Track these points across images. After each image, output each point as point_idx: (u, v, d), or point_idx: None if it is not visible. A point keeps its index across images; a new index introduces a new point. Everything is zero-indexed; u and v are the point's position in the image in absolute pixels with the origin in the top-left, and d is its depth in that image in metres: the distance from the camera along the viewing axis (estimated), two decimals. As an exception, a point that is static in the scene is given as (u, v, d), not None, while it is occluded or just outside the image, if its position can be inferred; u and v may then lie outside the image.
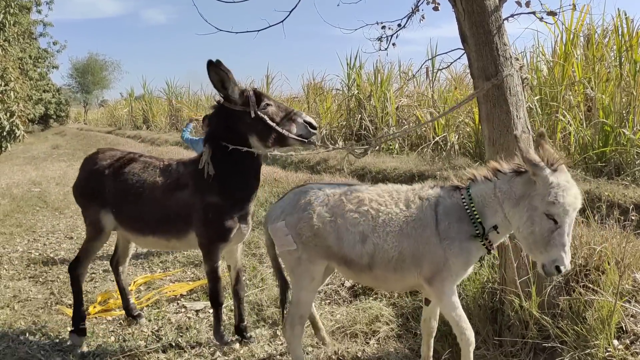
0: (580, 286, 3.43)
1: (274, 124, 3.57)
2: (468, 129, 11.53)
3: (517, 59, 3.62)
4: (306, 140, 3.65)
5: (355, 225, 3.09)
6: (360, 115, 14.28)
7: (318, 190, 3.30)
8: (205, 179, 3.69)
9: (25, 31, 22.72)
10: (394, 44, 4.48)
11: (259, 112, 3.58)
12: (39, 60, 31.03)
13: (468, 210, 2.96)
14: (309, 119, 3.69)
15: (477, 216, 2.93)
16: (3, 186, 11.84)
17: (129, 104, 35.02)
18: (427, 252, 2.99)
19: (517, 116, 3.50)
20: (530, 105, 8.83)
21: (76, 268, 4.20)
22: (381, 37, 4.46)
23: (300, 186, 3.46)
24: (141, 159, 4.08)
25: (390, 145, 13.02)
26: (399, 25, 4.28)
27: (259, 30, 3.88)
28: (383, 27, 4.45)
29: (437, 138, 11.61)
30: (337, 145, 3.90)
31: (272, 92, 18.63)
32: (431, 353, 3.47)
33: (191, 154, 7.04)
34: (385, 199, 3.14)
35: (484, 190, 2.97)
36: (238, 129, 3.66)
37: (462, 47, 3.72)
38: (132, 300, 4.65)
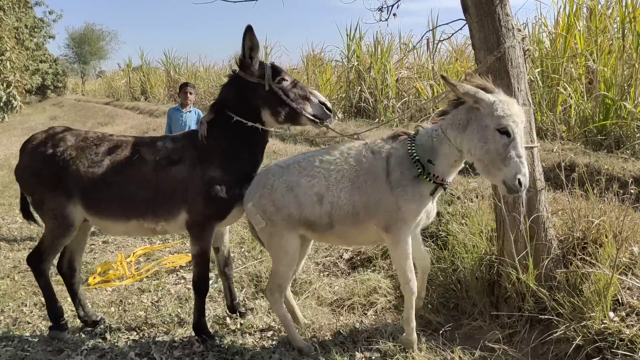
0: (577, 259, 3.44)
1: (287, 99, 3.51)
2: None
3: (520, 30, 3.56)
4: (320, 122, 3.58)
5: (310, 187, 3.26)
6: (360, 87, 14.16)
7: (275, 166, 3.49)
8: (207, 151, 3.54)
9: (21, 0, 22.36)
10: (394, 15, 4.43)
11: (273, 85, 3.51)
12: (35, 29, 30.64)
13: (409, 150, 3.12)
14: (324, 99, 3.63)
15: (415, 156, 3.09)
16: (1, 157, 11.80)
17: (126, 75, 34.66)
18: (379, 201, 3.16)
19: (518, 88, 3.47)
20: (531, 78, 8.76)
21: (40, 262, 3.73)
22: (382, 7, 4.39)
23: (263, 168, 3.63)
24: (114, 138, 3.70)
25: (390, 117, 12.95)
26: (400, -6, 4.20)
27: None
28: (383, -3, 4.38)
29: (437, 110, 11.53)
30: (336, 116, 3.90)
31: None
32: (424, 286, 3.67)
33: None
34: (335, 157, 3.30)
35: (427, 133, 3.17)
36: (251, 100, 3.57)
37: (464, 18, 3.65)
38: (89, 305, 4.15)
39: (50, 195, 3.54)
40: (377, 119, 13.05)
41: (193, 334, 3.76)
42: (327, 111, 3.59)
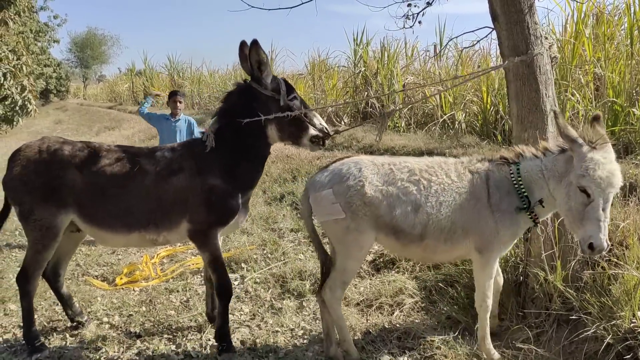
0: (604, 260, 3.54)
1: (300, 119, 3.53)
2: (475, 108, 11.57)
3: (547, 38, 3.67)
4: (321, 146, 3.64)
5: (408, 194, 3.15)
6: (366, 93, 14.26)
7: (366, 160, 3.35)
8: (208, 160, 3.51)
9: (27, 5, 22.46)
10: (419, 22, 4.53)
11: (288, 102, 3.54)
12: (40, 34, 30.74)
13: (515, 185, 3.08)
14: (324, 123, 3.67)
15: (523, 190, 3.05)
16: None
17: (129, 79, 34.73)
18: (479, 223, 3.12)
19: (546, 94, 3.57)
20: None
21: (27, 282, 3.61)
22: (407, 14, 4.50)
23: (345, 157, 3.48)
24: (111, 148, 3.62)
25: (397, 123, 13.06)
26: (428, 3, 4.31)
27: (291, 7, 3.92)
28: (409, 5, 4.49)
29: (444, 116, 11.65)
30: (342, 123, 4.01)
31: (276, 69, 18.54)
32: (497, 306, 3.69)
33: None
34: (435, 169, 3.23)
35: (531, 166, 3.10)
36: (262, 112, 3.49)
37: (492, 26, 3.77)
38: (76, 305, 4.15)
39: (40, 205, 3.44)
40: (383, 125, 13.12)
41: (214, 342, 3.71)
42: (327, 135, 3.64)
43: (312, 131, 3.59)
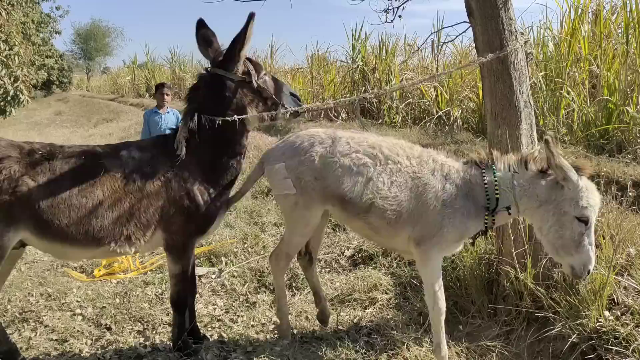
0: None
1: (272, 96, 3.31)
2: (471, 104, 11.51)
3: (522, 34, 3.64)
4: (295, 114, 3.41)
5: (361, 165, 3.11)
6: (364, 88, 14.21)
7: (322, 133, 3.29)
8: (184, 161, 3.16)
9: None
10: (400, 16, 4.49)
11: (260, 82, 3.27)
12: (42, 25, 30.76)
13: (486, 186, 2.99)
14: (292, 90, 3.47)
15: (497, 191, 2.97)
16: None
17: (132, 71, 34.74)
18: (425, 214, 3.05)
19: (520, 91, 3.54)
20: (535, 81, 8.82)
21: None
22: (387, 8, 4.46)
23: (301, 131, 3.42)
24: (67, 150, 3.13)
25: (394, 118, 13.02)
26: (406, -4, 4.27)
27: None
28: (389, -1, 4.45)
29: (440, 112, 11.60)
30: (339, 119, 3.93)
31: (276, 63, 18.51)
32: None
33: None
34: (397, 150, 3.17)
35: (504, 177, 3.01)
36: (237, 101, 3.24)
37: (468, 21, 3.73)
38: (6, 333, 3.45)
39: None
40: (380, 120, 13.10)
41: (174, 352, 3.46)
42: (298, 101, 3.44)
43: (286, 102, 3.36)
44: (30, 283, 4.71)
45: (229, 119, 3.18)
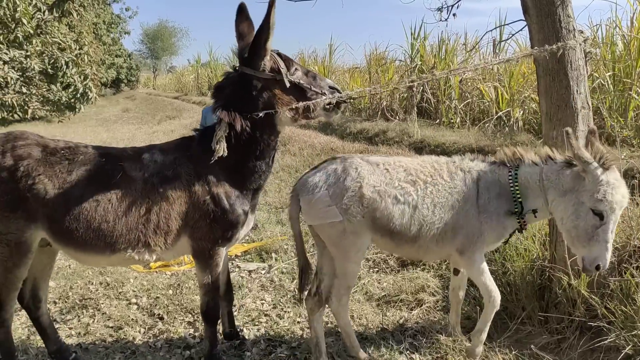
0: (633, 267, 3.35)
1: (309, 93, 3.04)
2: (534, 105, 11.15)
3: (582, 32, 3.49)
4: (336, 110, 3.17)
5: (405, 195, 3.06)
6: (422, 88, 14.04)
7: (361, 160, 3.18)
8: (208, 164, 2.95)
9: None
10: (454, 15, 4.41)
11: (292, 79, 2.99)
12: (112, 25, 32.16)
13: (512, 189, 3.01)
14: (332, 82, 3.17)
15: (519, 196, 3.00)
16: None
17: (195, 70, 35.77)
18: (465, 224, 3.06)
19: (577, 91, 3.41)
20: (602, 81, 8.45)
21: (1, 308, 3.03)
22: (441, 7, 4.39)
23: (335, 158, 3.29)
24: (89, 151, 3.02)
25: (452, 119, 12.80)
26: (461, -6, 4.19)
27: (317, -1, 3.90)
28: (443, -3, 4.38)
29: (500, 113, 11.30)
30: (396, 118, 3.86)
31: (335, 62, 18.62)
32: (459, 320, 3.60)
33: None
34: (428, 169, 3.15)
35: (529, 173, 3.02)
36: (265, 102, 2.99)
37: (524, 19, 3.62)
38: (62, 340, 3.50)
39: (5, 217, 2.86)
40: (438, 121, 12.91)
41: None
42: (339, 94, 3.14)
43: (324, 98, 3.07)
44: (91, 272, 4.95)
45: (254, 115, 2.96)
